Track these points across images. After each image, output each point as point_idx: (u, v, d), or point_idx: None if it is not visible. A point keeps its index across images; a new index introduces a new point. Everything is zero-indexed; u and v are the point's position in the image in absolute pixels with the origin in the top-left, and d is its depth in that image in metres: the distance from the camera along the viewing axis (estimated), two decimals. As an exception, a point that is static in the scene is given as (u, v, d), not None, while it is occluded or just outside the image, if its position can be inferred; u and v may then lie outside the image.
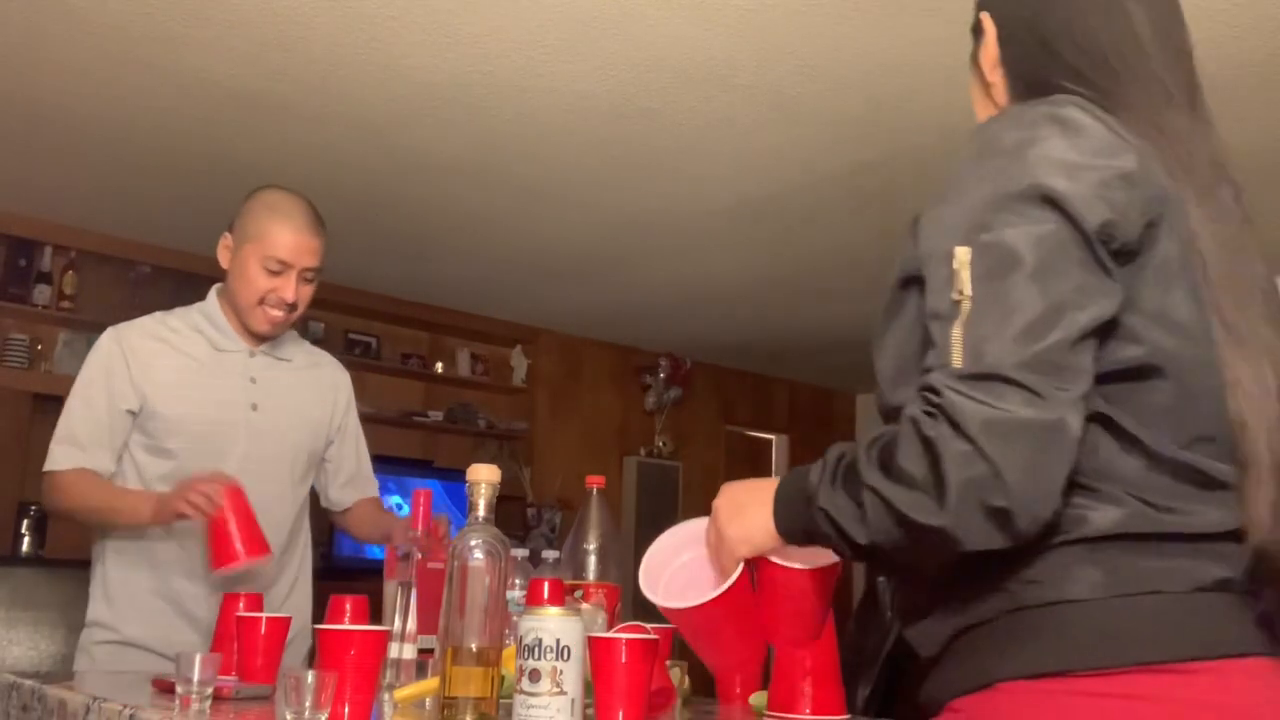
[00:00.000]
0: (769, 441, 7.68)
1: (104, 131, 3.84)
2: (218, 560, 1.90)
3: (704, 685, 1.71)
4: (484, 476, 1.38)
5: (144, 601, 2.07)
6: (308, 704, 1.19)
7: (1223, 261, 0.98)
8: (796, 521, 1.08)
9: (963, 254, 0.93)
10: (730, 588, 1.25)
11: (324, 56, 3.23)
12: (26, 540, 4.62)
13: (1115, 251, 0.94)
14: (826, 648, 1.38)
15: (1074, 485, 0.94)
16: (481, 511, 1.36)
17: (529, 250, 5.04)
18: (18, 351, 4.74)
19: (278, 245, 2.07)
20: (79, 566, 3.88)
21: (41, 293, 4.82)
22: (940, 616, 1.02)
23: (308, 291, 2.14)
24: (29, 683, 1.59)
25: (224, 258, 2.15)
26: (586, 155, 3.91)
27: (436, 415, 5.98)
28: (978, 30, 1.18)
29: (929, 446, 0.90)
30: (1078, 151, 0.95)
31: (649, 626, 1.36)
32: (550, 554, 1.65)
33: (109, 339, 2.12)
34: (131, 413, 2.08)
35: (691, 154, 3.86)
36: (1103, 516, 0.94)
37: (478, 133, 3.74)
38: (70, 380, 2.15)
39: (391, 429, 5.69)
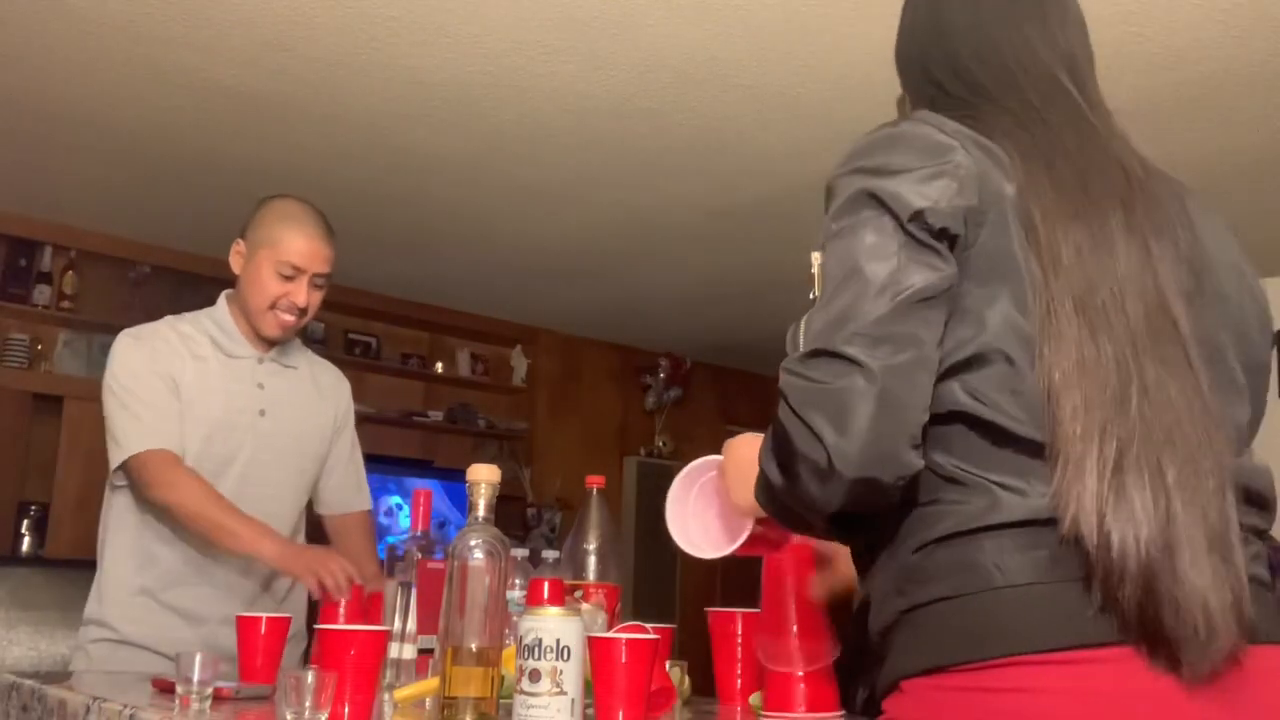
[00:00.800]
0: (769, 441, 7.68)
1: (104, 131, 3.84)
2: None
3: (704, 685, 1.71)
4: (484, 476, 1.38)
5: (139, 600, 2.08)
6: (308, 704, 1.19)
7: (1064, 269, 1.00)
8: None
9: (816, 258, 1.05)
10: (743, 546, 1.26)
11: (324, 56, 3.23)
12: (26, 540, 4.62)
13: (938, 234, 0.99)
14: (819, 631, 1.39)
15: (944, 479, 0.98)
16: (481, 511, 1.36)
17: (529, 250, 5.04)
18: (18, 351, 4.73)
19: (291, 251, 2.11)
20: (79, 566, 3.89)
21: (41, 293, 4.82)
22: (870, 622, 1.06)
23: (318, 297, 2.17)
24: (29, 683, 1.59)
25: (236, 263, 2.17)
26: (586, 155, 3.91)
27: (436, 415, 5.98)
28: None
29: (776, 426, 0.99)
30: (904, 156, 1.03)
31: (649, 626, 1.36)
32: (550, 554, 1.66)
33: (130, 338, 2.14)
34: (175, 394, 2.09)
35: (691, 154, 3.86)
36: (976, 509, 0.97)
37: (478, 133, 3.74)
38: (70, 380, 2.15)
39: (391, 429, 5.69)
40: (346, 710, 1.30)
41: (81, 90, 3.51)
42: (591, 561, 1.69)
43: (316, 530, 2.35)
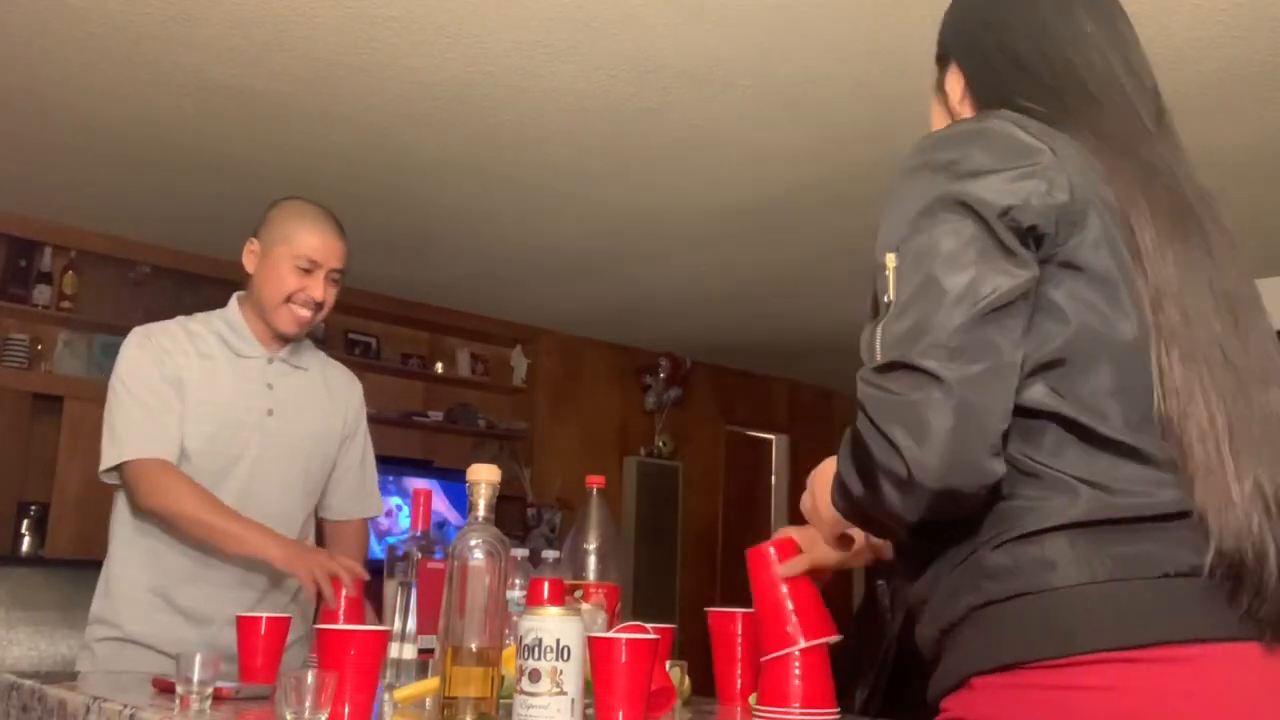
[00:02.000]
0: (769, 441, 7.68)
1: (104, 131, 3.84)
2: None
3: (704, 685, 1.71)
4: (484, 476, 1.38)
5: (145, 599, 2.08)
6: (308, 704, 1.19)
7: (1170, 277, 1.01)
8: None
9: (890, 260, 1.01)
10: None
11: (324, 56, 3.23)
12: (26, 540, 4.62)
13: (1026, 234, 0.99)
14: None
15: (1027, 476, 0.98)
16: (481, 511, 1.36)
17: (529, 250, 5.04)
18: (18, 351, 4.73)
19: (308, 244, 2.13)
20: (79, 566, 3.90)
21: (41, 293, 4.82)
22: (928, 619, 1.05)
23: (333, 294, 2.18)
24: (29, 683, 1.59)
25: (250, 262, 2.18)
26: (586, 155, 3.91)
27: (436, 415, 5.98)
28: (943, 60, 1.27)
29: (856, 438, 0.99)
30: (990, 156, 1.01)
31: (649, 626, 1.36)
32: (550, 554, 1.65)
33: (139, 337, 2.14)
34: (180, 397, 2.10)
35: (691, 154, 3.86)
36: (1058, 506, 0.96)
37: (478, 133, 3.74)
38: (70, 380, 2.16)
39: (391, 429, 5.69)
40: (346, 710, 1.30)
41: (81, 90, 3.51)
42: (591, 561, 1.69)
43: (318, 530, 2.35)
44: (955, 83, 1.24)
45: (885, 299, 1.00)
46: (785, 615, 1.38)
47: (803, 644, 1.37)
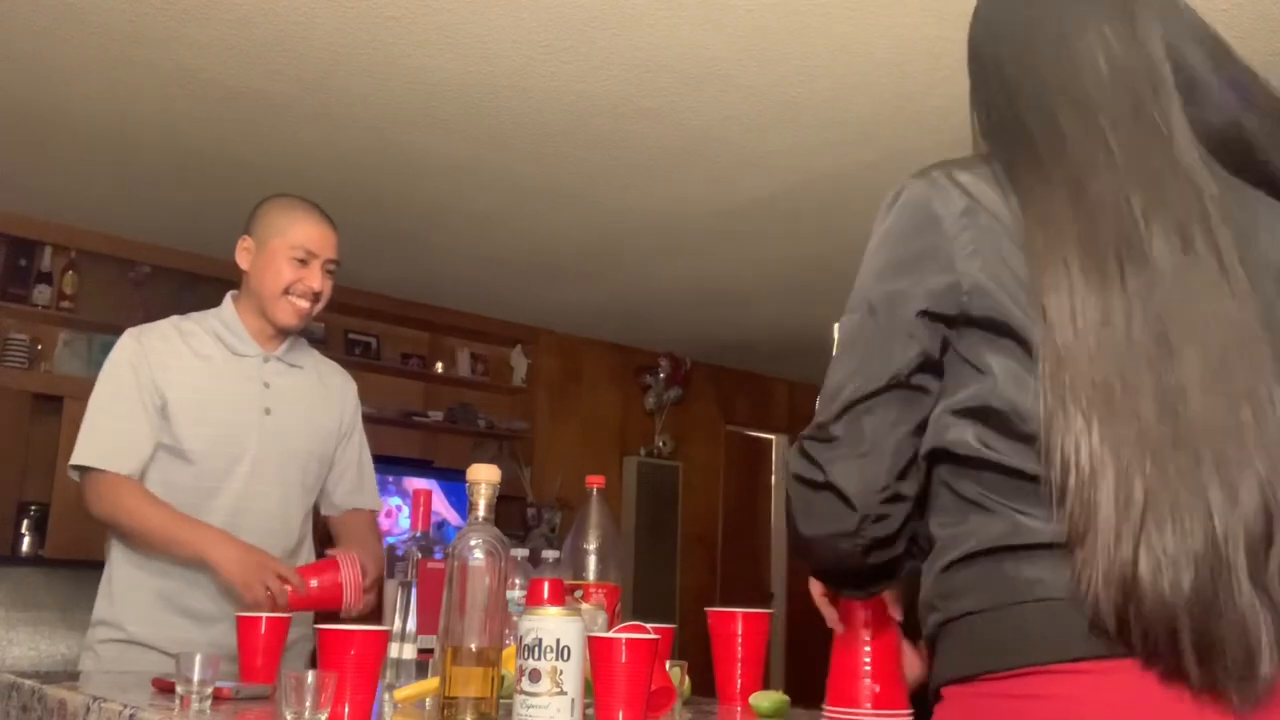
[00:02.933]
0: (769, 441, 7.68)
1: (104, 131, 3.84)
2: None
3: (704, 685, 1.71)
4: (484, 476, 1.38)
5: (148, 600, 2.08)
6: (308, 704, 1.19)
7: (1066, 342, 1.00)
8: None
9: (836, 330, 1.17)
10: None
11: (324, 56, 3.23)
12: (26, 540, 4.62)
13: (937, 318, 1.08)
14: (888, 643, 1.37)
15: (972, 504, 1.05)
16: (481, 511, 1.36)
17: (529, 250, 5.04)
18: (18, 351, 4.73)
19: (304, 235, 2.15)
20: (79, 566, 3.89)
21: (41, 293, 4.82)
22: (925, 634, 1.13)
23: (328, 285, 2.20)
24: (29, 683, 1.59)
25: (244, 259, 2.18)
26: (586, 155, 3.91)
27: (436, 415, 5.98)
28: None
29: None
30: (903, 245, 1.12)
31: (649, 626, 1.36)
32: (550, 554, 1.65)
33: (130, 339, 2.15)
34: (159, 409, 2.10)
35: (692, 154, 3.86)
36: (995, 530, 1.03)
37: (478, 133, 3.74)
38: (70, 380, 2.17)
39: (391, 429, 5.69)
40: (346, 710, 1.30)
41: (82, 90, 3.51)
42: (591, 561, 1.69)
43: (318, 530, 2.35)
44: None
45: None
46: (860, 672, 1.35)
47: (867, 709, 1.35)
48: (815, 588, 1.34)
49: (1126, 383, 0.97)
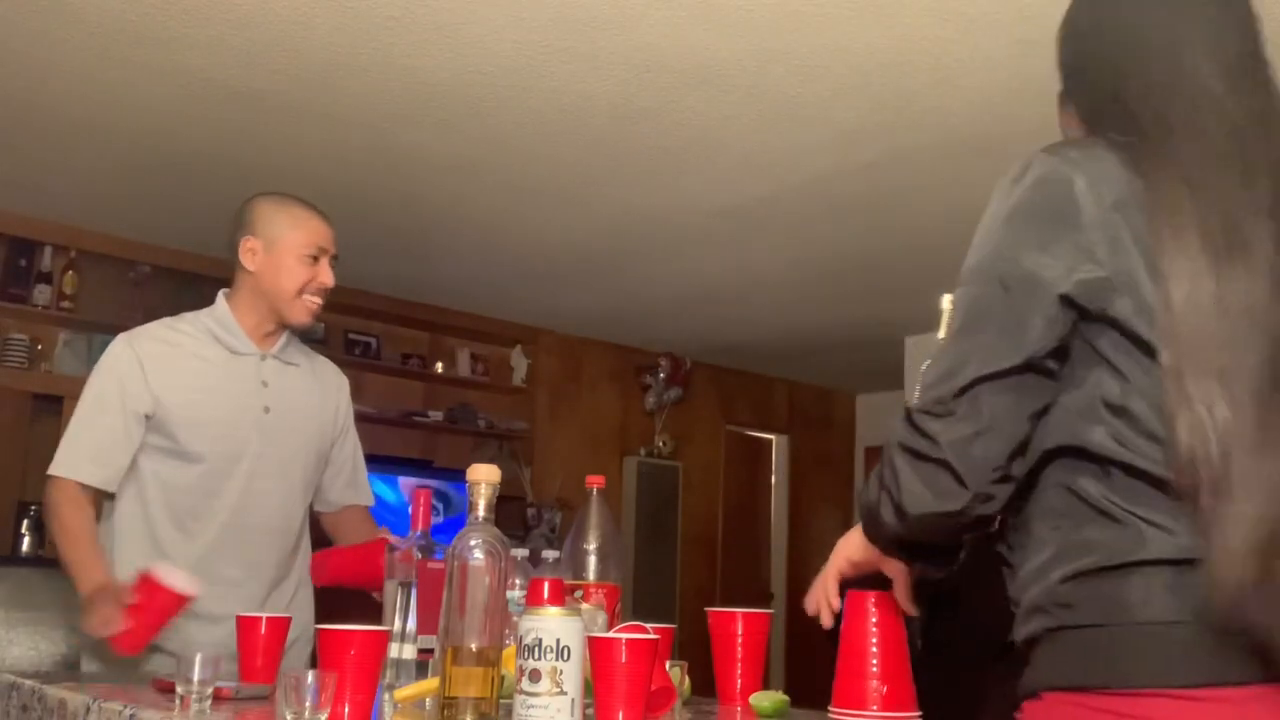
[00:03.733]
0: (769, 441, 7.68)
1: (104, 131, 3.83)
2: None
3: (704, 685, 1.71)
4: (484, 476, 1.38)
5: None
6: (308, 704, 1.19)
7: (1189, 326, 1.02)
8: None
9: (946, 302, 1.13)
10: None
11: (324, 56, 3.23)
12: (26, 540, 4.62)
13: (1067, 302, 1.07)
14: (896, 644, 1.37)
15: (1097, 511, 1.05)
16: (481, 511, 1.36)
17: (529, 250, 5.04)
18: (18, 351, 4.73)
19: (313, 234, 2.16)
20: (79, 566, 3.88)
21: (41, 293, 4.82)
22: (1016, 625, 1.14)
23: (333, 279, 2.21)
24: (29, 683, 1.59)
25: (250, 260, 2.16)
26: (586, 155, 3.91)
27: (436, 415, 5.98)
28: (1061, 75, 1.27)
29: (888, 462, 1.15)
30: (1043, 225, 1.09)
31: (649, 626, 1.36)
32: (550, 554, 1.65)
33: (122, 344, 2.14)
34: (147, 416, 2.09)
35: (692, 154, 3.86)
36: (1121, 545, 1.03)
37: (478, 133, 3.74)
38: (70, 380, 2.17)
39: (391, 429, 5.69)
40: (346, 710, 1.30)
41: (82, 90, 3.51)
42: (591, 561, 1.69)
43: (314, 528, 2.35)
44: (1061, 96, 1.27)
45: (940, 336, 1.14)
46: (868, 672, 1.36)
47: (874, 710, 1.35)
48: (829, 586, 1.34)
49: (1251, 374, 1.00)
